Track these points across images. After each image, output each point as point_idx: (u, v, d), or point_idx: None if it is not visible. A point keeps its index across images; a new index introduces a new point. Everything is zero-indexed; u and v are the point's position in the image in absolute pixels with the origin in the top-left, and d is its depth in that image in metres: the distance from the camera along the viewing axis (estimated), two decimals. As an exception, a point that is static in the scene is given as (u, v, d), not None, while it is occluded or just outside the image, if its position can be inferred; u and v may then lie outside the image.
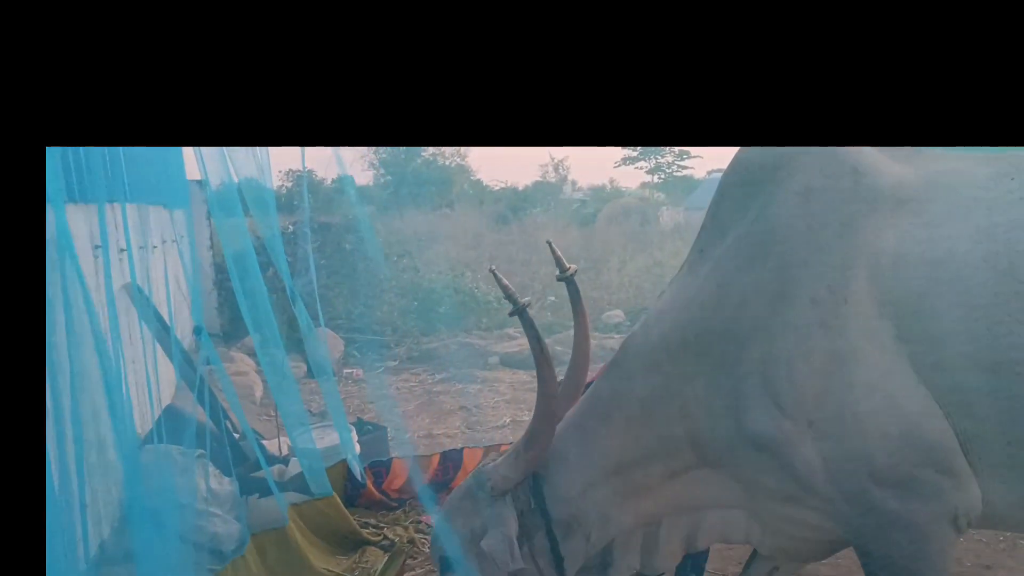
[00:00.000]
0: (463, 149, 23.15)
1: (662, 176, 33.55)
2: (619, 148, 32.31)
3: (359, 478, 4.76)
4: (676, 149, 32.68)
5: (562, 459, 2.39)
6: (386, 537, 4.38)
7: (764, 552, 2.35)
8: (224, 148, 3.55)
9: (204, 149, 3.48)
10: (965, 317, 1.84)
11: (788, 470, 2.06)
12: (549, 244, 2.66)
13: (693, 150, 33.34)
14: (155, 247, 5.03)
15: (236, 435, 4.61)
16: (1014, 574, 3.87)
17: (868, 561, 2.06)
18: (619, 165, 42.86)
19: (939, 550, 1.97)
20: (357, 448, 5.02)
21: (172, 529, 2.99)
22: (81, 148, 2.88)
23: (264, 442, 4.91)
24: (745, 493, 2.24)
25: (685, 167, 34.08)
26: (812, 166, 2.07)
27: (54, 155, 2.26)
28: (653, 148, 32.23)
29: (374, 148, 22.46)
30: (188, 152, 4.31)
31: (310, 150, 4.13)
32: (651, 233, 17.13)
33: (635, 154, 33.63)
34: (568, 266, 2.60)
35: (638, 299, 12.43)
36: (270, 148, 4.03)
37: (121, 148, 3.53)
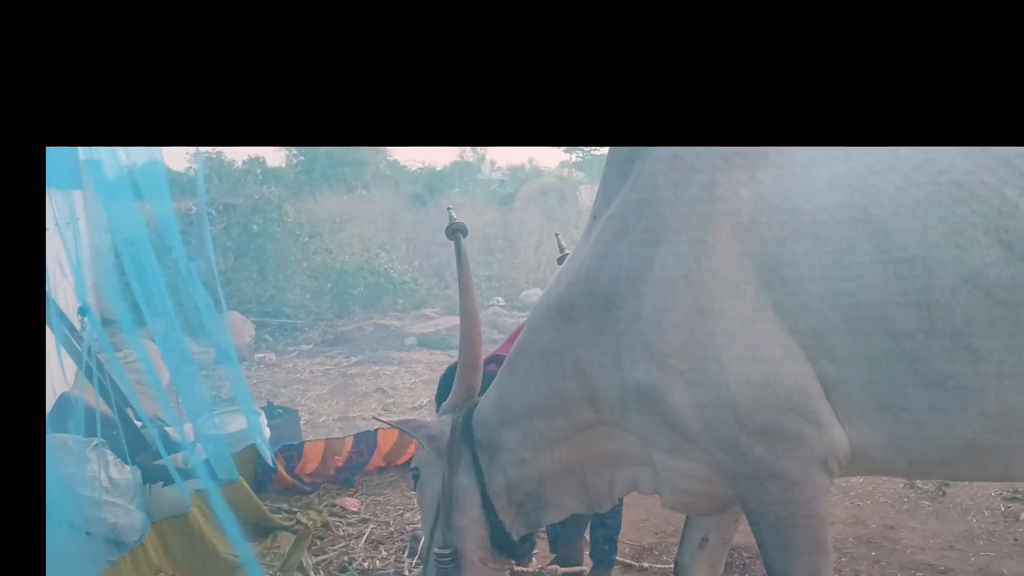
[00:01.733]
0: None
1: (580, 155, 33.66)
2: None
3: (270, 463, 4.68)
4: (593, 128, 32.68)
5: (489, 392, 2.61)
6: (299, 522, 4.32)
7: (667, 507, 2.42)
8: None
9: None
10: (822, 262, 1.89)
11: (665, 420, 2.12)
12: (557, 236, 3.57)
13: (610, 129, 33.41)
14: (47, 230, 4.81)
15: (138, 423, 4.46)
16: (916, 533, 4.05)
17: (749, 513, 2.13)
18: (537, 145, 42.86)
19: (810, 497, 2.03)
20: (267, 432, 4.93)
21: (61, 521, 2.88)
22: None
23: (168, 429, 4.78)
24: (643, 448, 2.30)
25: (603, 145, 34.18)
26: None
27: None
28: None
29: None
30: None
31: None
32: (569, 212, 17.21)
33: (553, 133, 33.46)
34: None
35: (555, 277, 12.48)
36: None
37: None
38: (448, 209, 2.94)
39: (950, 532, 4.05)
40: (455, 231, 2.78)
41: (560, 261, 3.29)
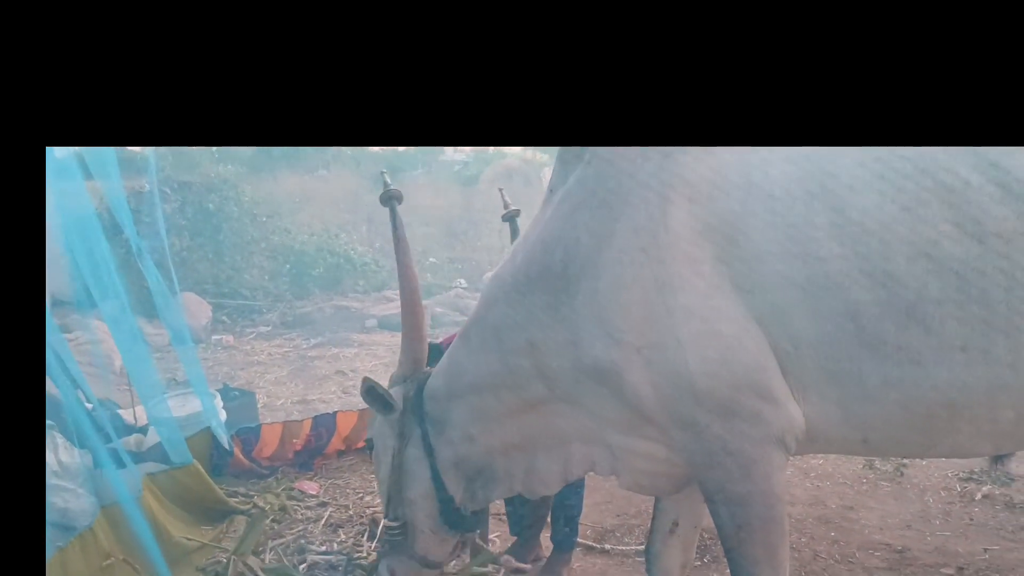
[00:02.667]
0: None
1: (543, 138, 33.50)
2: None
3: (225, 445, 4.59)
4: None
5: (441, 365, 2.58)
6: (256, 506, 4.25)
7: (625, 487, 2.40)
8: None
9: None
10: (779, 237, 1.89)
11: (621, 398, 2.10)
12: (501, 191, 3.37)
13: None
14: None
15: (88, 405, 4.35)
16: (874, 513, 4.10)
17: (706, 492, 2.12)
18: (500, 127, 42.64)
19: (767, 474, 2.01)
20: (223, 415, 4.84)
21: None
22: None
23: (120, 412, 4.68)
24: (597, 427, 2.28)
25: (566, 128, 34.05)
26: None
27: None
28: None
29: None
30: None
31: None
32: (533, 194, 17.16)
33: (516, 115, 33.39)
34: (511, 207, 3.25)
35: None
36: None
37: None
38: (382, 173, 2.88)
39: (907, 512, 4.10)
40: (390, 198, 2.74)
41: (505, 218, 3.27)
